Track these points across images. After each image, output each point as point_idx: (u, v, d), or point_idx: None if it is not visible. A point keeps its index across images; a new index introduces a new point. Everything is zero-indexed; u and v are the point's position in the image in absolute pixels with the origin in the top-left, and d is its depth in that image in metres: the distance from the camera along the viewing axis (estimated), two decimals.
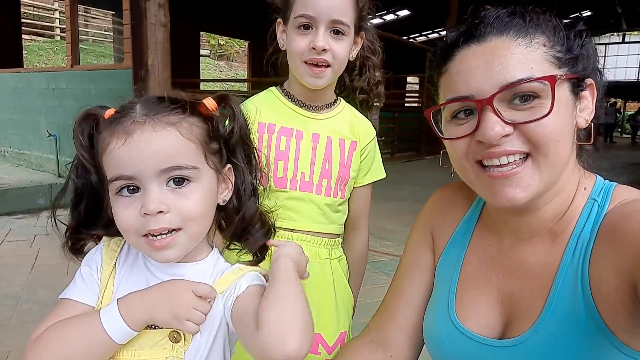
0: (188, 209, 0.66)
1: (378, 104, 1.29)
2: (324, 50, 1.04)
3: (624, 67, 28.22)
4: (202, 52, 17.39)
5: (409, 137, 11.92)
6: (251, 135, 0.79)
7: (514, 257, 0.77)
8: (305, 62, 1.06)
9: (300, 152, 1.15)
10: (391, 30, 14.33)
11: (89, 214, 0.73)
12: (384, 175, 1.27)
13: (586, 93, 0.71)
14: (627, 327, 0.61)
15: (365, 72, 1.22)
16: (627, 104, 29.67)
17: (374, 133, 1.24)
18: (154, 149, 0.64)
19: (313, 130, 1.17)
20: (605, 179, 0.76)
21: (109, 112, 0.70)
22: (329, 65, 1.06)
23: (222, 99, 0.75)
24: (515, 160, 0.65)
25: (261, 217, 0.78)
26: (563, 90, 0.66)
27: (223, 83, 19.06)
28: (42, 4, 17.73)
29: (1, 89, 8.06)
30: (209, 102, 0.73)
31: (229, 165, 0.75)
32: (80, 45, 7.60)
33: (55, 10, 17.63)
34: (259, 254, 0.80)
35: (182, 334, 0.68)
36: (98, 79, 6.57)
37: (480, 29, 0.68)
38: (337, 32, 1.06)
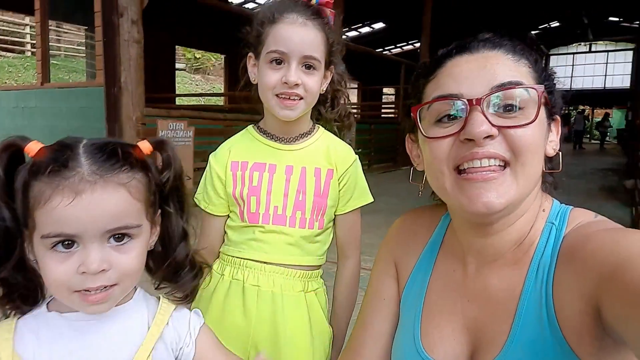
0: (127, 265, 0.66)
1: (348, 132, 1.28)
2: (296, 84, 1.05)
3: (591, 76, 29.20)
4: (177, 65, 17.28)
5: (385, 148, 12.02)
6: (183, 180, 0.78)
7: (478, 282, 0.77)
8: (277, 96, 1.07)
9: (272, 186, 1.15)
10: (367, 43, 14.53)
11: None
12: (370, 200, 1.23)
13: (553, 126, 0.75)
14: (593, 350, 0.61)
15: (336, 105, 1.24)
16: (594, 110, 30.65)
17: (353, 158, 1.21)
18: (103, 210, 0.63)
19: (287, 162, 1.16)
20: (561, 203, 0.77)
21: (35, 149, 0.65)
22: (301, 98, 1.08)
23: (159, 144, 0.73)
24: (494, 166, 0.67)
25: (191, 260, 0.78)
26: (542, 110, 0.68)
27: (199, 97, 18.92)
28: (13, 19, 17.37)
29: None
30: (144, 146, 0.70)
31: (159, 211, 0.74)
32: (52, 61, 7.49)
33: (27, 25, 17.28)
34: (190, 295, 0.79)
35: None
36: (69, 97, 6.45)
37: (473, 43, 0.72)
38: (308, 67, 1.08)
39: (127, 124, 5.39)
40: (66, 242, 0.62)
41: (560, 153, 0.76)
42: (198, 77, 24.25)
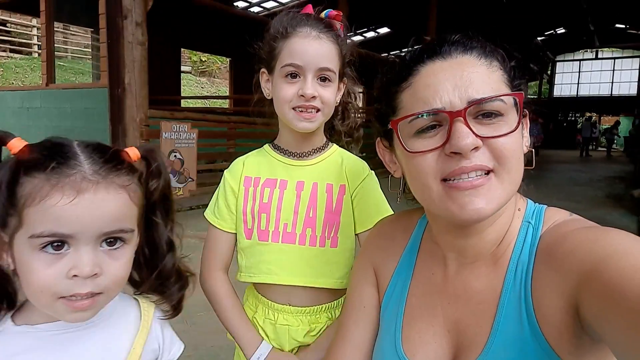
0: (117, 272, 0.65)
1: (356, 146, 1.27)
2: (313, 97, 1.06)
3: (598, 83, 29.07)
4: (183, 68, 17.34)
5: None
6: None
7: (458, 284, 0.77)
8: (294, 109, 1.07)
9: (283, 202, 1.13)
10: (371, 48, 14.53)
11: None
12: (388, 213, 1.15)
13: (524, 121, 0.75)
14: (571, 349, 0.61)
15: (347, 117, 1.24)
16: (601, 118, 30.52)
17: (366, 173, 1.18)
18: (104, 211, 0.61)
19: (298, 177, 1.15)
20: (535, 202, 0.78)
21: (19, 146, 0.62)
22: (318, 110, 1.08)
23: (149, 152, 0.71)
24: (480, 175, 0.67)
25: (177, 270, 0.77)
26: (517, 113, 0.69)
27: (204, 100, 18.98)
28: (20, 21, 17.52)
29: None
30: (133, 152, 0.68)
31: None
32: (58, 62, 7.51)
33: (34, 27, 17.42)
34: (176, 306, 0.78)
35: None
36: (74, 97, 6.47)
37: (444, 46, 0.70)
38: (323, 79, 1.08)
39: (130, 125, 5.40)
40: (56, 244, 0.59)
41: (533, 150, 0.77)
42: (204, 79, 24.34)
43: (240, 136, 7.41)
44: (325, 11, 1.13)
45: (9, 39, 17.41)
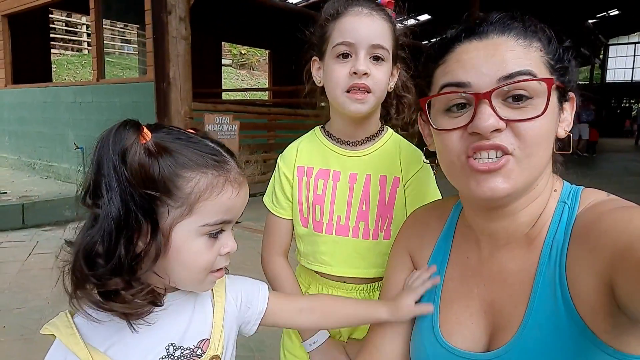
0: (235, 248, 0.74)
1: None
2: (365, 74, 1.01)
3: None
4: (223, 61, 17.64)
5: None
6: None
7: (493, 266, 0.77)
8: (347, 92, 1.03)
9: (336, 195, 1.13)
10: (412, 35, 14.25)
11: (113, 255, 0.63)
12: None
13: (567, 105, 0.73)
14: (607, 327, 0.61)
15: (402, 111, 1.19)
16: None
17: (420, 164, 1.12)
18: (247, 200, 0.74)
19: (351, 169, 1.13)
20: (572, 184, 0.77)
21: (149, 136, 0.65)
22: (370, 92, 1.03)
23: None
24: (499, 157, 0.67)
25: None
26: (553, 97, 0.68)
27: (244, 92, 19.25)
28: (71, 19, 18.31)
29: (31, 103, 8.34)
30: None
31: None
32: (107, 59, 7.81)
33: (84, 24, 18.17)
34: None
35: (220, 357, 0.74)
36: (122, 92, 6.73)
37: (483, 26, 0.70)
38: (376, 59, 1.03)
39: (175, 118, 5.57)
40: (216, 232, 0.69)
41: (572, 135, 0.75)
42: (244, 72, 24.68)
43: (280, 127, 7.51)
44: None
45: (61, 36, 18.25)
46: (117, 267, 0.62)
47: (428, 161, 1.12)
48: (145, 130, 0.65)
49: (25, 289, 3.30)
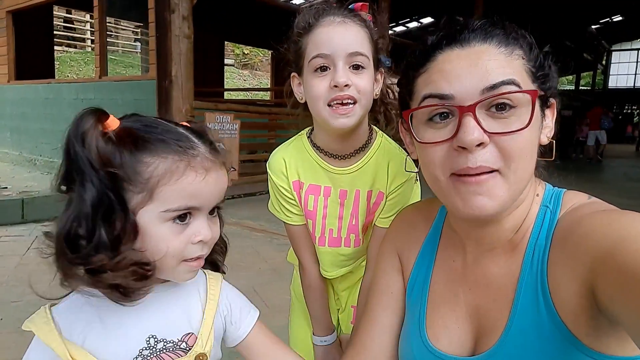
0: (216, 234, 0.73)
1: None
2: (347, 85, 0.96)
3: None
4: (226, 61, 17.66)
5: None
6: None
7: (478, 270, 0.78)
8: (329, 105, 0.98)
9: (328, 210, 1.14)
10: (414, 38, 14.28)
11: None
12: None
13: (548, 112, 0.73)
14: (589, 330, 0.62)
15: (390, 119, 1.13)
16: None
17: (406, 177, 1.09)
18: (221, 187, 0.71)
19: (341, 185, 1.12)
20: (554, 186, 0.77)
21: (115, 124, 0.65)
22: (355, 102, 0.97)
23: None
24: (485, 174, 0.67)
25: (223, 241, 0.83)
26: (535, 106, 0.67)
27: (246, 92, 19.27)
28: (75, 17, 18.35)
29: (33, 99, 8.35)
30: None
31: None
32: (110, 56, 7.83)
33: (87, 22, 18.21)
34: (222, 268, 0.85)
35: (207, 355, 0.73)
36: (124, 89, 6.74)
37: (464, 34, 0.69)
38: (356, 67, 0.98)
39: (176, 116, 5.58)
40: (182, 216, 0.67)
41: (554, 141, 0.74)
42: (246, 72, 24.70)
43: (281, 127, 7.51)
44: (350, 4, 1.05)
45: (65, 33, 18.28)
46: (99, 245, 0.62)
47: (416, 170, 1.12)
48: (111, 118, 0.66)
49: (23, 282, 3.31)
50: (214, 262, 0.82)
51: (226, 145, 0.78)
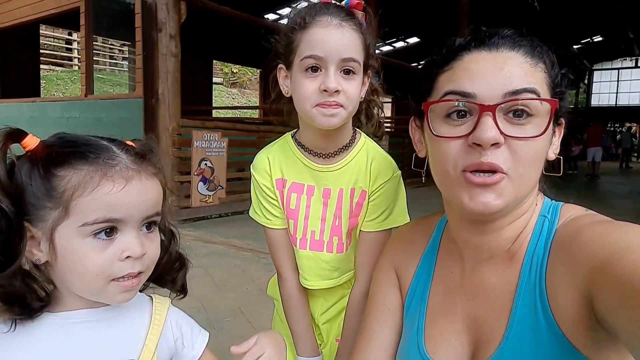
0: (154, 252, 0.69)
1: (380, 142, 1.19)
2: (337, 91, 0.95)
3: (638, 92, 28.01)
4: (215, 79, 17.72)
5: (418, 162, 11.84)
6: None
7: (476, 279, 0.78)
8: (317, 106, 0.97)
9: (310, 210, 1.11)
10: (401, 57, 14.49)
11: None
12: (403, 222, 1.11)
13: (557, 130, 0.75)
14: (587, 342, 0.62)
15: (372, 117, 1.14)
16: None
17: (388, 176, 1.09)
18: (148, 197, 0.67)
19: (325, 184, 1.10)
20: (552, 200, 0.78)
21: (33, 143, 0.64)
22: (342, 106, 0.98)
23: (152, 145, 0.73)
24: (495, 173, 0.67)
25: (181, 256, 0.80)
26: (552, 118, 0.69)
27: (235, 110, 19.30)
28: (62, 35, 18.33)
29: (17, 117, 8.25)
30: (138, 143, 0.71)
31: None
32: (97, 75, 7.79)
33: (74, 40, 18.20)
34: (184, 289, 0.81)
35: None
36: (110, 108, 6.69)
37: (494, 39, 0.71)
38: (347, 72, 0.97)
39: (163, 134, 5.54)
40: (107, 229, 0.63)
41: (561, 158, 0.77)
42: (235, 90, 24.79)
43: None
44: (345, 1, 1.03)
45: (51, 52, 18.23)
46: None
47: (399, 172, 1.12)
48: (28, 137, 0.64)
49: None
50: (174, 281, 0.79)
51: (214, 163, 0.76)
